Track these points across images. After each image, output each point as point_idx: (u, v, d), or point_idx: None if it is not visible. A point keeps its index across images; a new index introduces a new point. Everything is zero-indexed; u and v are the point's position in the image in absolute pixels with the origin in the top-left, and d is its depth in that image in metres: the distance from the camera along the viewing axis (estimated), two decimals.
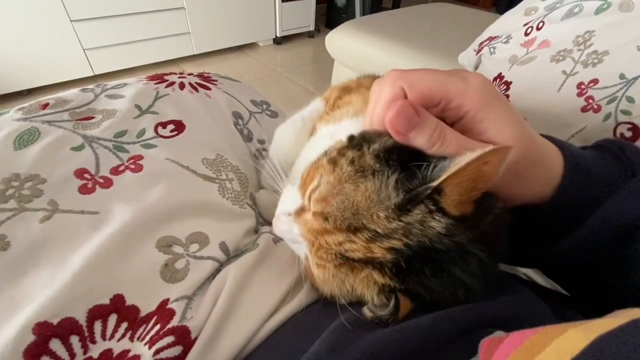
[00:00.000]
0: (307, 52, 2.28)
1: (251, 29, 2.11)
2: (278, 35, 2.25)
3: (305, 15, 2.32)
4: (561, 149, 0.22)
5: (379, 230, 0.19)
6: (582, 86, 0.48)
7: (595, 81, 0.47)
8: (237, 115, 0.41)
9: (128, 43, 1.68)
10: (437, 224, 0.18)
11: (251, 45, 2.26)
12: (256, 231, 0.33)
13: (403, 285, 0.19)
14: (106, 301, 0.22)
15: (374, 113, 0.21)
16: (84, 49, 1.57)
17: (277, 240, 0.32)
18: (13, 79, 1.47)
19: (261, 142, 0.41)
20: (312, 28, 2.41)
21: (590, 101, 0.47)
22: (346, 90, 0.37)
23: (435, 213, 0.18)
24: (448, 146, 0.19)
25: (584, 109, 0.47)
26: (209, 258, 0.26)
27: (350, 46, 1.19)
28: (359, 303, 0.21)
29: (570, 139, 0.47)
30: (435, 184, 0.18)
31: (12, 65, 1.44)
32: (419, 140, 0.19)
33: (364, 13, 2.25)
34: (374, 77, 0.40)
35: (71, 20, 1.48)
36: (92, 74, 1.66)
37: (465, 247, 0.19)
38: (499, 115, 0.20)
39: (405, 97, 0.20)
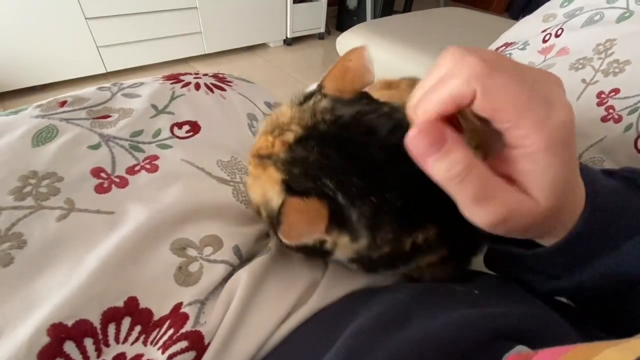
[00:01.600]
0: (317, 54, 2.28)
1: (262, 29, 2.12)
2: (288, 36, 2.25)
3: (316, 17, 2.32)
4: (586, 194, 0.18)
5: (283, 124, 0.23)
6: (602, 95, 0.47)
7: (616, 91, 0.46)
8: (251, 117, 0.41)
9: (141, 41, 1.70)
10: (324, 102, 0.23)
11: (261, 46, 2.27)
12: (268, 235, 0.33)
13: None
14: (120, 304, 0.22)
15: (426, 99, 0.16)
16: (97, 47, 1.59)
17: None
18: (27, 74, 1.50)
19: None
20: (322, 30, 2.42)
21: (611, 111, 0.46)
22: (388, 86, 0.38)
23: (322, 99, 0.23)
24: (466, 186, 0.16)
25: (604, 119, 0.46)
26: (222, 262, 0.26)
27: None
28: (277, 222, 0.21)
29: (589, 149, 0.46)
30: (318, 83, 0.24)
31: (26, 61, 1.46)
32: (436, 169, 0.16)
33: (375, 16, 2.25)
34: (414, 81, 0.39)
35: (86, 18, 1.50)
36: (105, 71, 1.68)
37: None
38: (554, 171, 0.15)
39: (472, 101, 0.15)
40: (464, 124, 0.18)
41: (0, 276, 0.20)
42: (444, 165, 0.16)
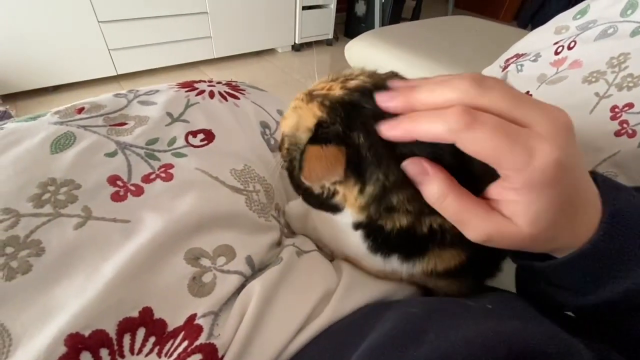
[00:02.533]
0: (325, 60, 2.29)
1: (271, 35, 2.14)
2: (297, 42, 2.27)
3: (324, 23, 2.34)
4: (606, 211, 0.19)
5: (352, 75, 0.23)
6: (616, 109, 0.46)
7: (630, 105, 0.46)
8: (264, 125, 0.41)
9: (151, 45, 1.73)
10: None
11: (270, 51, 2.29)
12: (279, 244, 0.33)
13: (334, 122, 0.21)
14: (135, 314, 0.22)
15: (416, 121, 0.18)
16: (109, 49, 1.61)
17: (300, 252, 0.31)
18: (40, 75, 1.53)
19: None
20: (330, 36, 2.43)
21: (625, 125, 0.45)
22: None
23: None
24: (445, 210, 0.19)
25: (617, 133, 0.45)
26: (235, 272, 0.26)
27: (370, 56, 1.20)
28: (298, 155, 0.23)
29: (602, 163, 0.46)
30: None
31: (39, 63, 1.49)
32: (425, 192, 0.20)
33: (383, 23, 2.26)
34: None
35: (99, 21, 1.52)
36: (115, 74, 1.70)
37: None
38: (537, 207, 0.17)
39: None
40: None
41: (18, 284, 0.21)
42: (427, 190, 0.19)
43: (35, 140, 0.28)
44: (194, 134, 0.35)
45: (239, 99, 0.42)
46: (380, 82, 0.22)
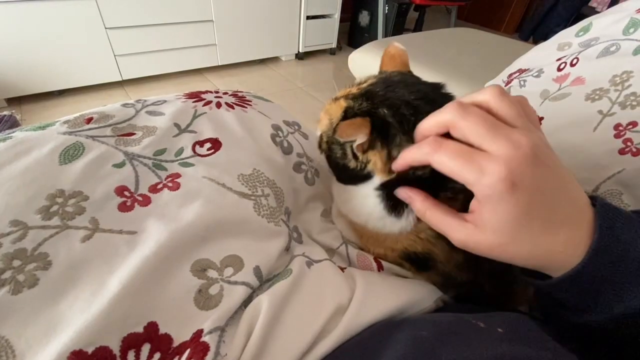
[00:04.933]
0: (328, 69, 2.32)
1: (275, 43, 2.17)
2: (300, 50, 2.30)
3: (328, 33, 2.37)
4: (599, 228, 0.21)
5: (363, 81, 0.31)
6: (620, 128, 0.47)
7: (634, 124, 0.46)
8: (276, 128, 0.41)
9: (157, 51, 1.75)
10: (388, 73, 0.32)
11: (274, 59, 2.32)
12: (288, 249, 0.33)
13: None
14: (140, 329, 0.21)
15: (407, 153, 0.24)
16: (115, 55, 1.63)
17: (311, 263, 0.31)
18: (46, 79, 1.54)
19: (300, 155, 0.42)
20: (334, 45, 2.46)
21: (629, 144, 0.45)
22: None
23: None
24: (428, 222, 0.25)
25: (621, 152, 0.46)
26: (242, 284, 0.26)
27: (373, 66, 1.20)
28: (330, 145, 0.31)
29: (606, 181, 0.46)
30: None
31: (46, 67, 1.51)
32: (413, 207, 0.27)
33: (386, 33, 2.29)
34: None
35: (106, 28, 1.54)
36: (121, 79, 1.72)
37: None
38: (497, 216, 0.21)
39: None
40: None
41: (25, 298, 0.21)
42: (413, 208, 0.26)
43: (44, 150, 0.28)
44: (201, 143, 0.35)
45: (245, 108, 0.42)
46: (389, 76, 0.30)
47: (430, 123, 0.23)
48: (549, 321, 0.27)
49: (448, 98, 0.28)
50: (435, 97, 0.27)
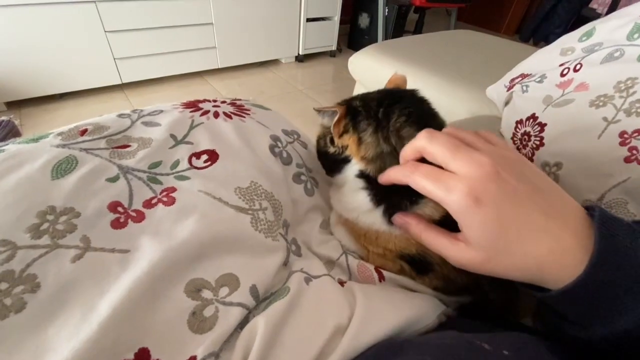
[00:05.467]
0: (328, 71, 2.31)
1: (275, 46, 2.17)
2: (300, 53, 2.29)
3: (328, 35, 2.37)
4: (597, 242, 0.20)
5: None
6: (625, 135, 0.46)
7: (639, 131, 0.45)
8: (275, 139, 0.40)
9: (157, 54, 1.75)
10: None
11: (274, 62, 2.31)
12: (286, 263, 0.32)
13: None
14: (130, 356, 0.21)
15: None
16: (114, 58, 1.63)
17: (309, 279, 0.30)
18: (46, 83, 1.54)
19: (299, 166, 0.41)
20: (334, 47, 2.46)
21: (635, 152, 0.44)
22: None
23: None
24: (424, 242, 0.27)
25: (627, 160, 0.45)
26: (238, 304, 0.25)
27: (374, 69, 1.20)
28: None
29: (612, 189, 0.45)
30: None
31: (46, 70, 1.51)
32: (409, 231, 0.29)
33: (386, 35, 2.28)
34: None
35: (105, 31, 1.54)
36: (120, 82, 1.72)
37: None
38: (475, 229, 0.23)
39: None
40: None
41: (11, 324, 0.20)
42: (409, 231, 0.28)
43: (36, 164, 0.28)
44: (198, 155, 0.35)
45: (244, 117, 0.41)
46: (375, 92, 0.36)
47: (408, 149, 0.27)
48: (551, 335, 0.27)
49: (407, 92, 0.34)
50: (395, 93, 0.34)
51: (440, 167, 0.24)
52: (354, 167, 0.33)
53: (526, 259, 0.22)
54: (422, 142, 0.25)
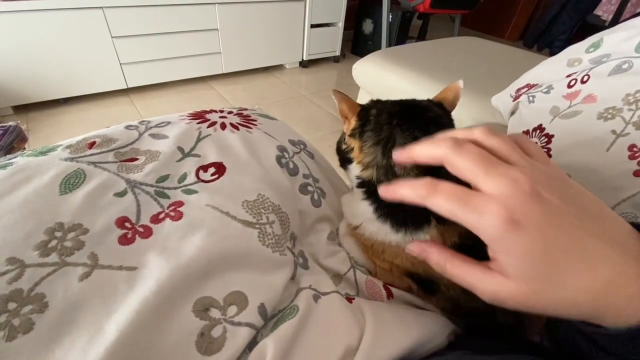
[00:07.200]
0: (332, 76, 2.32)
1: (279, 51, 2.18)
2: (304, 58, 2.31)
3: (332, 41, 2.38)
4: None
5: None
6: (635, 149, 0.45)
7: None
8: (281, 149, 0.40)
9: (162, 60, 1.76)
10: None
11: (278, 67, 2.33)
12: (294, 277, 0.32)
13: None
14: None
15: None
16: (120, 63, 1.64)
17: (318, 296, 0.30)
18: (52, 87, 1.55)
19: (306, 176, 0.41)
20: (338, 53, 2.47)
21: None
22: None
23: None
24: (447, 274, 0.23)
25: (636, 174, 0.44)
26: (246, 325, 0.25)
27: (378, 76, 1.20)
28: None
29: (621, 203, 0.44)
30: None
31: (52, 75, 1.52)
32: (429, 260, 0.24)
33: (390, 41, 2.29)
34: None
35: (112, 37, 1.56)
36: (126, 87, 1.73)
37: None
38: (514, 257, 0.19)
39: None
40: None
41: (19, 345, 0.20)
42: (431, 262, 0.24)
43: (44, 179, 0.28)
44: (205, 168, 0.34)
45: (251, 128, 0.41)
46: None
47: (422, 155, 0.23)
48: (562, 352, 0.26)
49: (424, 112, 0.34)
50: (413, 109, 0.34)
51: (458, 180, 0.21)
52: (355, 168, 0.35)
53: (579, 292, 0.18)
54: (445, 150, 0.21)
